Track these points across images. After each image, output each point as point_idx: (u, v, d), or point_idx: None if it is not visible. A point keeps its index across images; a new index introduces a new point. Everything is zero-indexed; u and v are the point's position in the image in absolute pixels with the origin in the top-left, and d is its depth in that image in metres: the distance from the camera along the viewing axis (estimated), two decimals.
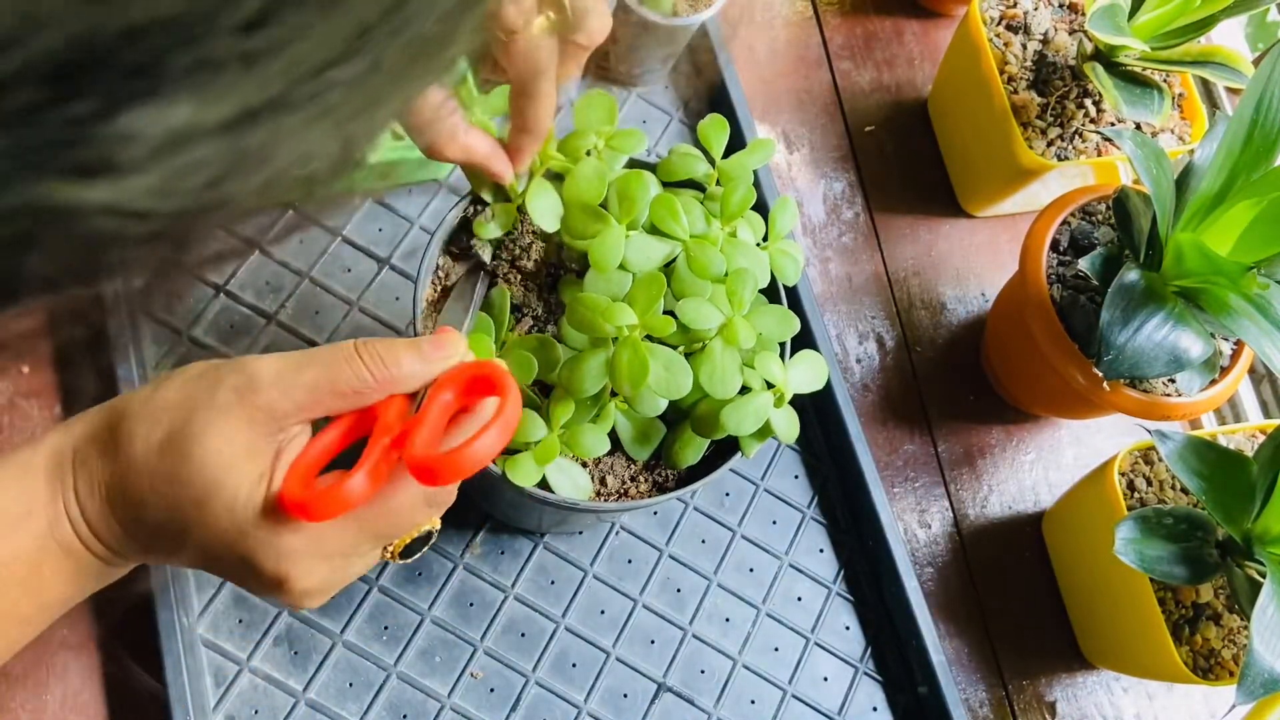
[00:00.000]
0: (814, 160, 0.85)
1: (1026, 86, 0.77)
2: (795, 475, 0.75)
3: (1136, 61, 0.73)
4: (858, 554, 0.73)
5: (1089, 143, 0.77)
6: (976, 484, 0.78)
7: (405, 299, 0.73)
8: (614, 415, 0.55)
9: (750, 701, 0.69)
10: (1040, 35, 0.78)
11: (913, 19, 0.92)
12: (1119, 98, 0.71)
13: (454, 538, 0.68)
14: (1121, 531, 0.61)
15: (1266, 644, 0.56)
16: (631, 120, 0.82)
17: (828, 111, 0.87)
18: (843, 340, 0.80)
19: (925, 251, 0.84)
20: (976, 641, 0.74)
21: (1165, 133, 0.78)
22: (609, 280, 0.53)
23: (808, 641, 0.71)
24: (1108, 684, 0.75)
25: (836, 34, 0.90)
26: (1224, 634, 0.65)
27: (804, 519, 0.74)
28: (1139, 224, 0.66)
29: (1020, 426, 0.80)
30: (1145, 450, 0.70)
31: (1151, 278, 0.63)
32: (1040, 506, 0.79)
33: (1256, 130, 0.61)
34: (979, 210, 0.85)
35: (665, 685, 0.68)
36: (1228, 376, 0.68)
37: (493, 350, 0.54)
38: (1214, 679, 0.64)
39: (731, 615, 0.70)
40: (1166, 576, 0.61)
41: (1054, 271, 0.70)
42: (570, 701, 0.66)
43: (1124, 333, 0.61)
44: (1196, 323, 0.62)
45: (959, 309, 0.83)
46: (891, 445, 0.78)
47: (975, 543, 0.76)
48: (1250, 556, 0.61)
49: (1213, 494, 0.60)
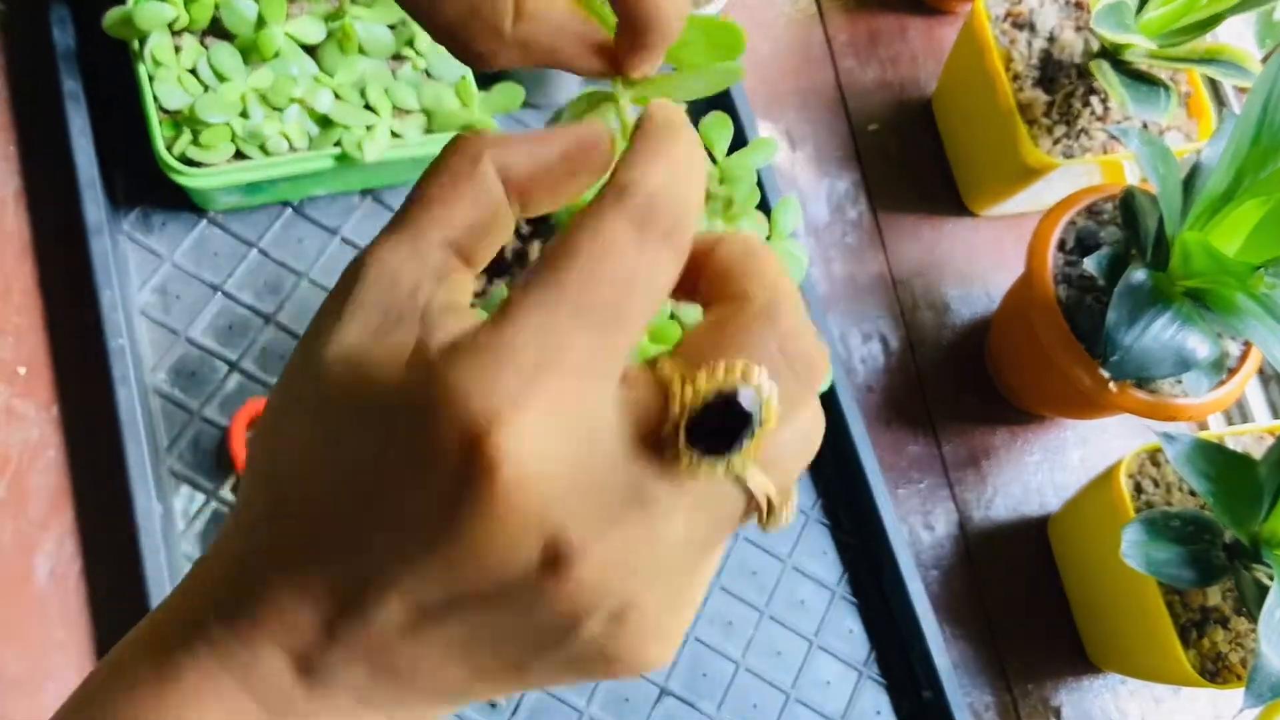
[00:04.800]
0: (817, 159, 0.85)
1: (1032, 84, 0.76)
2: None
3: (1143, 59, 0.73)
4: (861, 556, 0.73)
5: (1095, 141, 0.76)
6: (981, 486, 0.78)
7: None
8: None
9: (752, 705, 0.68)
10: (1046, 33, 0.78)
11: (917, 16, 0.91)
12: (1125, 96, 0.70)
13: None
14: (1128, 534, 0.60)
15: (1274, 647, 0.55)
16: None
17: (831, 110, 0.86)
18: (846, 341, 0.80)
19: (929, 251, 0.84)
20: (981, 645, 0.73)
21: (1172, 131, 0.77)
22: None
23: (810, 645, 0.70)
24: (1114, 688, 0.74)
25: (840, 32, 0.89)
26: (1232, 637, 0.65)
27: (806, 521, 0.73)
28: (1145, 223, 0.65)
29: (1025, 428, 0.80)
30: (1152, 452, 0.70)
31: (1158, 277, 0.63)
32: (1046, 509, 0.78)
33: (1264, 129, 0.61)
34: (984, 209, 0.85)
35: (667, 689, 0.68)
36: (1235, 377, 0.68)
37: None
38: (1222, 682, 0.64)
39: (733, 618, 0.70)
40: (1174, 579, 0.61)
41: (1060, 271, 0.69)
42: (572, 706, 0.66)
43: (1130, 333, 0.61)
44: (1204, 323, 0.62)
45: (963, 309, 0.82)
46: (895, 446, 0.77)
47: (980, 545, 0.76)
48: (1258, 559, 0.60)
49: (1220, 496, 0.60)
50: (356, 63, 0.68)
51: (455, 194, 0.25)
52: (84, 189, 0.66)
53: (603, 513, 0.21)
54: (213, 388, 0.68)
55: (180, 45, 0.66)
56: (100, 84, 0.70)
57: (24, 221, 0.69)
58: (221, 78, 0.66)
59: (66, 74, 0.68)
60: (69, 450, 0.65)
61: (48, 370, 0.66)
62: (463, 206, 0.25)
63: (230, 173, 0.65)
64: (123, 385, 0.63)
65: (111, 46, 0.67)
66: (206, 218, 0.71)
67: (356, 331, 0.23)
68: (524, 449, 0.20)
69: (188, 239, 0.71)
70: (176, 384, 0.67)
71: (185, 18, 0.65)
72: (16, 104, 0.72)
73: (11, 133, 0.71)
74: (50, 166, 0.70)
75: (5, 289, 0.67)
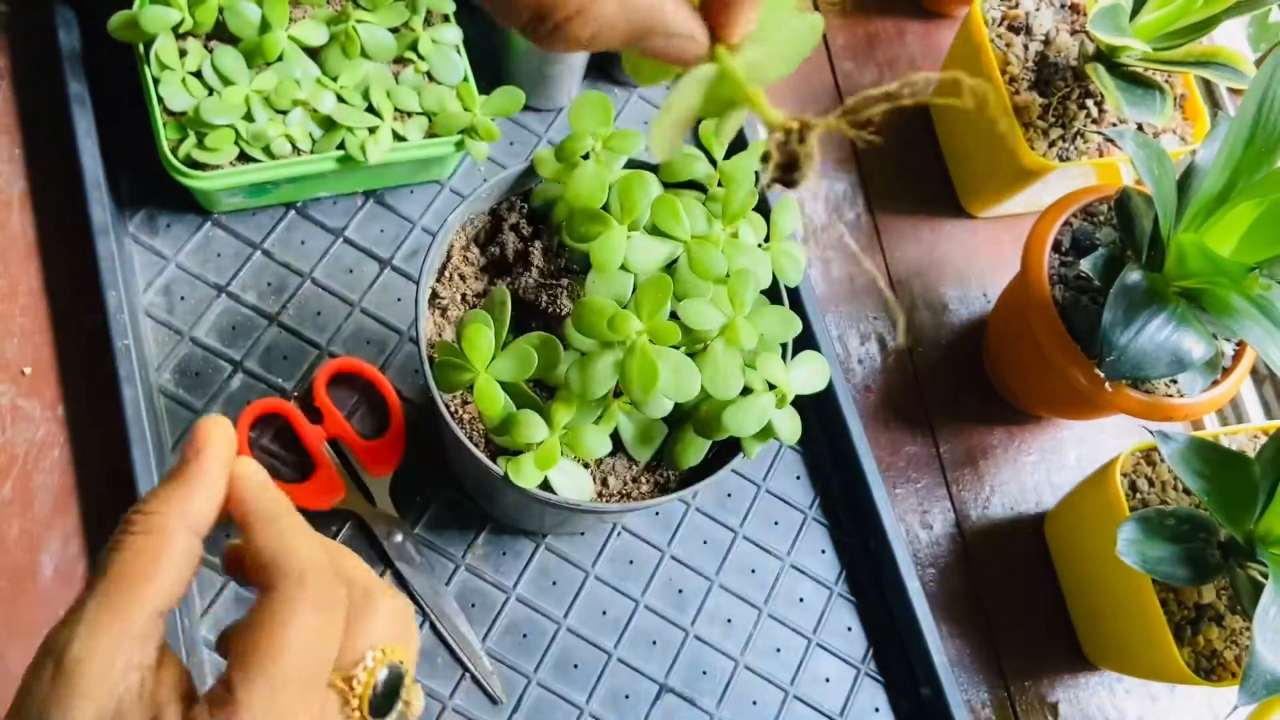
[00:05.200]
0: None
1: (1028, 87, 0.77)
2: (797, 476, 0.75)
3: (1138, 62, 0.73)
4: (859, 555, 0.73)
5: (1091, 143, 0.77)
6: (978, 485, 0.78)
7: (407, 300, 0.73)
8: (616, 416, 0.55)
9: (752, 703, 0.69)
10: (1042, 36, 0.78)
11: (914, 20, 0.92)
12: (1121, 98, 0.71)
13: (456, 539, 0.68)
14: (1124, 532, 0.61)
15: (1269, 645, 0.56)
16: (633, 121, 0.82)
17: (829, 112, 0.87)
18: (844, 341, 0.80)
19: (927, 252, 0.84)
20: (979, 642, 0.74)
21: (1167, 133, 0.78)
22: (611, 281, 0.54)
23: (809, 642, 0.71)
24: (1110, 685, 0.75)
25: (838, 35, 0.90)
26: (1226, 635, 0.65)
27: (806, 520, 0.74)
28: (1141, 225, 0.66)
29: (1022, 427, 0.80)
30: (1147, 451, 0.70)
31: (1154, 278, 0.63)
32: (1042, 507, 0.79)
33: (1258, 131, 0.61)
34: (981, 211, 0.85)
35: (667, 686, 0.68)
36: (1230, 377, 0.68)
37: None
38: (1216, 680, 0.64)
39: (733, 616, 0.70)
40: (1169, 577, 0.61)
41: (1056, 272, 0.70)
42: (572, 702, 0.66)
43: (1126, 333, 0.61)
44: (1199, 323, 0.62)
45: (961, 310, 0.83)
46: (893, 446, 0.78)
47: (977, 543, 0.76)
48: (1252, 557, 0.61)
49: (1215, 495, 0.60)
50: (359, 66, 0.68)
51: (158, 566, 0.33)
52: (89, 190, 0.67)
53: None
54: (216, 387, 0.68)
55: (185, 48, 0.66)
56: (105, 87, 0.71)
57: (29, 223, 0.70)
58: (226, 80, 0.66)
59: (72, 76, 0.68)
60: (74, 449, 0.65)
61: (53, 370, 0.67)
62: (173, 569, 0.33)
63: (234, 175, 0.65)
64: (127, 385, 0.64)
65: (116, 49, 0.67)
66: (210, 219, 0.72)
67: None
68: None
69: (192, 240, 0.71)
70: (181, 384, 0.68)
71: (190, 21, 0.66)
72: (22, 106, 0.72)
73: (17, 135, 0.72)
74: (55, 168, 0.71)
75: (11, 289, 0.68)
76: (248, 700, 0.31)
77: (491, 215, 0.61)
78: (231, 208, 0.71)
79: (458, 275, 0.59)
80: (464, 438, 0.53)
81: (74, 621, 0.31)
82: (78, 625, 0.30)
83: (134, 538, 0.32)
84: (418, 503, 0.68)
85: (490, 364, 0.52)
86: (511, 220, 0.60)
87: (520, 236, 0.59)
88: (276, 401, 0.67)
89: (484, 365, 0.52)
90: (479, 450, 0.53)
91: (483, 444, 0.56)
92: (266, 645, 0.31)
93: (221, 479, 0.35)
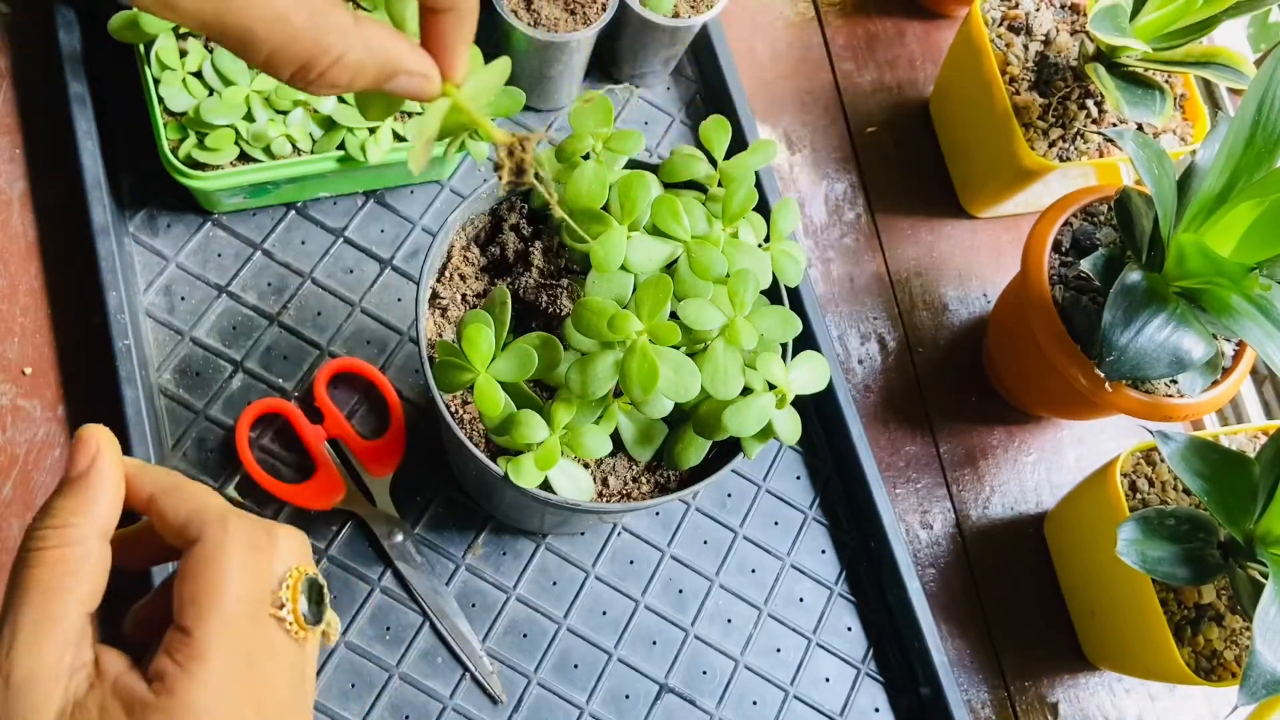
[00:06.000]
0: (815, 161, 0.85)
1: (1028, 87, 0.77)
2: (797, 476, 0.75)
3: (1138, 62, 0.73)
4: (860, 555, 0.73)
5: (1091, 144, 0.77)
6: (978, 485, 0.78)
7: (407, 300, 0.73)
8: (617, 416, 0.55)
9: (752, 702, 0.69)
10: (1042, 36, 0.78)
11: (914, 20, 0.92)
12: (1121, 99, 0.71)
13: (456, 539, 0.68)
14: (1123, 532, 0.61)
15: (1269, 645, 0.56)
16: (633, 121, 0.82)
17: (829, 112, 0.87)
18: (844, 341, 0.80)
19: (927, 252, 0.84)
20: (979, 642, 0.74)
21: (1167, 134, 0.78)
22: (611, 281, 0.54)
23: (809, 642, 0.71)
24: (1110, 685, 0.75)
25: (838, 35, 0.90)
26: (1226, 635, 0.65)
27: (806, 520, 0.74)
28: (1141, 225, 0.66)
29: (1022, 427, 0.80)
30: (1147, 451, 0.70)
31: (1153, 278, 0.63)
32: (1042, 507, 0.79)
33: (1258, 131, 0.61)
34: (981, 211, 0.85)
35: (667, 686, 0.68)
36: (1230, 377, 0.68)
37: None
38: (1216, 680, 0.64)
39: (733, 616, 0.71)
40: (1168, 577, 0.61)
41: (1056, 272, 0.70)
42: (572, 702, 0.66)
43: (1126, 334, 0.61)
44: (1198, 324, 0.62)
45: (961, 310, 0.83)
46: (893, 446, 0.78)
47: (977, 543, 0.76)
48: (1252, 557, 0.61)
49: (1215, 495, 0.60)
50: None
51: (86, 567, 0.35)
52: (90, 191, 0.67)
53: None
54: (217, 387, 0.68)
55: (185, 49, 0.66)
56: (106, 87, 0.71)
57: (30, 223, 0.70)
58: (226, 81, 0.66)
59: (72, 77, 0.68)
60: None
61: (53, 370, 0.67)
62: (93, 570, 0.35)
63: (234, 175, 0.65)
64: (128, 385, 0.64)
65: (117, 50, 0.67)
66: (211, 219, 0.72)
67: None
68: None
69: (192, 240, 0.71)
70: (181, 384, 0.68)
71: None
72: (23, 107, 0.72)
73: (17, 135, 0.72)
74: (56, 169, 0.71)
75: (11, 290, 0.68)
76: (204, 635, 0.34)
77: (492, 215, 0.61)
78: (232, 208, 0.71)
79: (458, 275, 0.59)
80: (464, 438, 0.53)
81: (10, 641, 0.33)
82: (15, 644, 0.33)
83: (50, 552, 0.35)
84: (418, 503, 0.68)
85: (490, 364, 0.52)
86: (512, 220, 0.60)
87: (520, 236, 0.59)
88: (277, 401, 0.67)
89: (484, 365, 0.52)
90: (479, 450, 0.53)
91: (483, 444, 0.56)
92: (210, 584, 0.35)
93: (120, 481, 0.37)
